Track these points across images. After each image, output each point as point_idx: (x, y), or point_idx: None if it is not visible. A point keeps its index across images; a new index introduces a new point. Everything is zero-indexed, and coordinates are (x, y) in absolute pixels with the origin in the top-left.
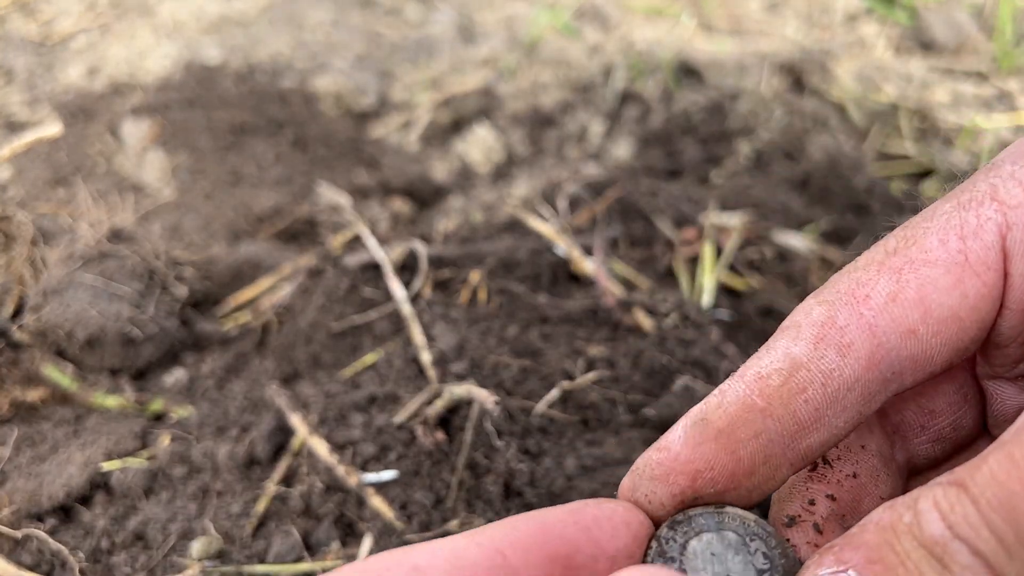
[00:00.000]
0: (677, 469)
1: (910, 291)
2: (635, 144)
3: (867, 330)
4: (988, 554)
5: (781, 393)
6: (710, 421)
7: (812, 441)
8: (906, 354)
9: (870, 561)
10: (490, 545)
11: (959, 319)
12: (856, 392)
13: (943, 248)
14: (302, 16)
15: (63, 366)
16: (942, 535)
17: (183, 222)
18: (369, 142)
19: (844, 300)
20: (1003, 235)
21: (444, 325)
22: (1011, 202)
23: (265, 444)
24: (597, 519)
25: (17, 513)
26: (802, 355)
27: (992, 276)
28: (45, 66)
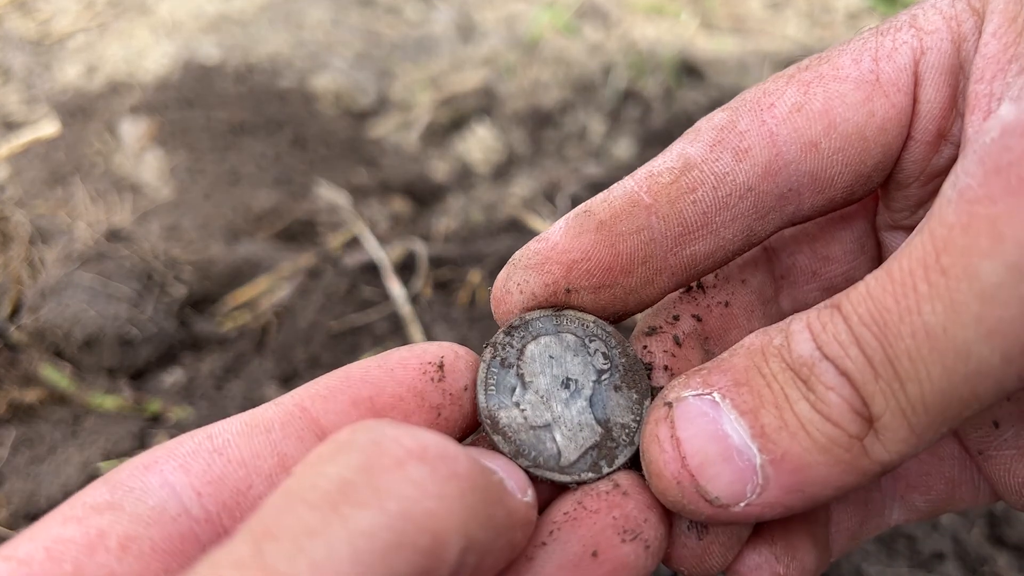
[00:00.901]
0: (553, 258)
1: (816, 103)
2: (636, 143)
3: (767, 137)
4: (854, 372)
5: (669, 191)
6: (593, 212)
7: (696, 249)
8: (805, 168)
9: (736, 384)
10: (290, 402)
11: (864, 138)
12: (748, 201)
13: (855, 66)
14: (301, 15)
15: (61, 366)
16: (810, 355)
17: (181, 222)
18: (368, 141)
19: (748, 107)
20: (916, 59)
21: (444, 325)
22: (928, 27)
23: None
24: (403, 359)
25: (15, 514)
26: (696, 155)
27: (902, 98)
28: (43, 65)
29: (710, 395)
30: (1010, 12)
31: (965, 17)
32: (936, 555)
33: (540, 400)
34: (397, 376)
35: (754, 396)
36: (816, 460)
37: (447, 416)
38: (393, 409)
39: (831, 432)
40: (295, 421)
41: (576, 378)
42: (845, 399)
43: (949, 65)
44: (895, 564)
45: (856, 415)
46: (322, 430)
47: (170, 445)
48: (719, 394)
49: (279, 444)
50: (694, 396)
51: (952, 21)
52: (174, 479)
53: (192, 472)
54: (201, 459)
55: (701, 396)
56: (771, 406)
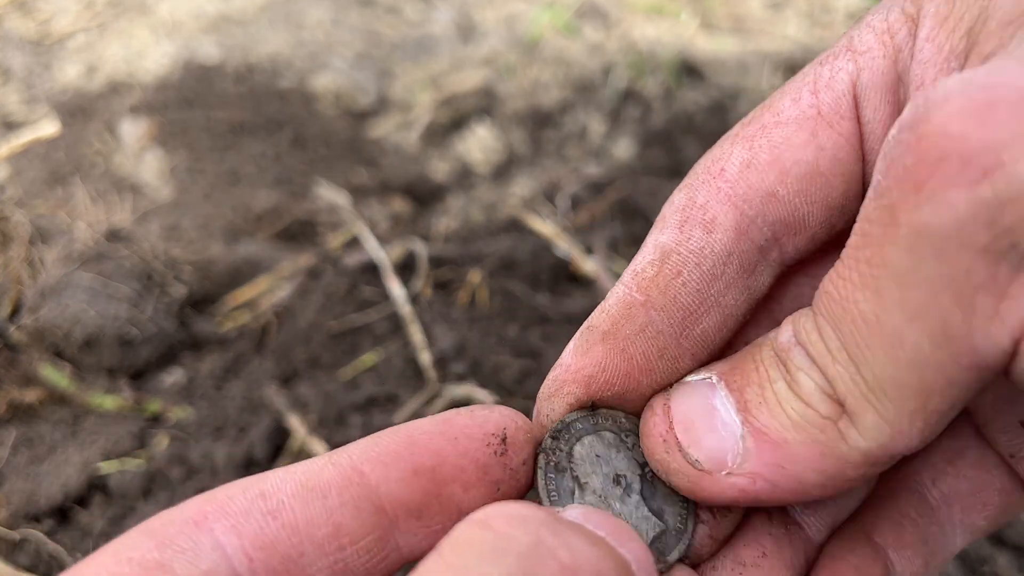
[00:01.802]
0: (569, 379)
1: (763, 154)
2: (636, 143)
3: (727, 202)
4: (817, 356)
5: (657, 282)
6: (594, 326)
7: (706, 325)
8: (773, 218)
9: (732, 368)
10: (347, 464)
11: (820, 173)
12: (733, 265)
13: (795, 106)
14: (301, 15)
15: (61, 367)
16: (788, 341)
17: (181, 222)
18: (368, 141)
19: (701, 179)
20: (854, 82)
21: (444, 325)
22: (861, 48)
23: (263, 445)
24: (467, 428)
25: (15, 514)
26: (670, 241)
27: (847, 125)
28: (43, 65)
29: (710, 378)
30: (941, 13)
31: (898, 27)
32: None
33: (599, 500)
34: (461, 447)
35: (744, 376)
36: (793, 437)
37: (505, 492)
38: (455, 481)
39: (804, 411)
40: (352, 487)
41: (624, 473)
42: (814, 381)
43: (885, 81)
44: None
45: (826, 397)
46: (379, 499)
47: (220, 498)
48: (716, 376)
49: (335, 512)
50: (697, 380)
51: (884, 36)
52: (225, 540)
53: (244, 534)
54: (254, 520)
55: (703, 380)
56: (755, 385)
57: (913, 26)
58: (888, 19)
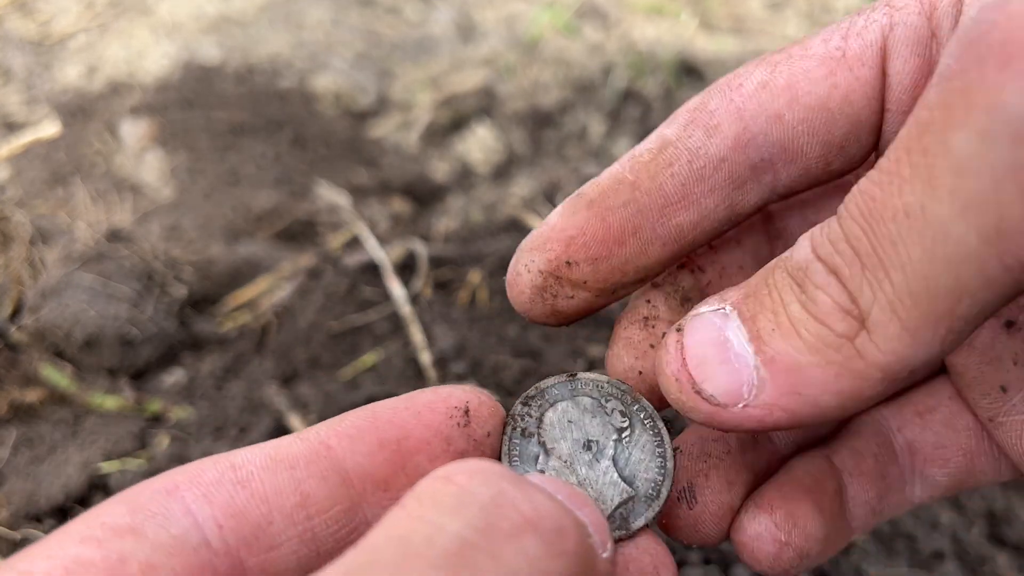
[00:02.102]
0: (553, 237)
1: (780, 79)
2: (636, 143)
3: (735, 113)
4: (842, 268)
5: (649, 167)
6: (584, 194)
7: (682, 219)
8: (773, 139)
9: (746, 296)
10: (315, 439)
11: (827, 109)
12: (723, 172)
13: (823, 45)
14: (301, 15)
15: (61, 367)
16: (805, 258)
17: (182, 222)
18: (368, 142)
19: (719, 88)
20: (885, 35)
21: (444, 325)
22: (899, 3)
23: None
24: (431, 403)
25: (15, 514)
26: (671, 135)
27: (867, 72)
28: (43, 66)
29: (723, 309)
30: None
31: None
32: (936, 554)
33: (564, 465)
34: (424, 419)
35: (757, 303)
36: (808, 360)
37: None
38: (420, 453)
39: (820, 331)
40: (319, 459)
41: (597, 439)
42: (833, 297)
43: (918, 36)
44: (895, 563)
45: (845, 313)
46: (345, 471)
47: (191, 470)
48: (730, 306)
49: (302, 482)
50: (710, 311)
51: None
52: (196, 508)
53: (215, 503)
54: (224, 490)
55: (716, 311)
56: (768, 311)
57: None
58: None
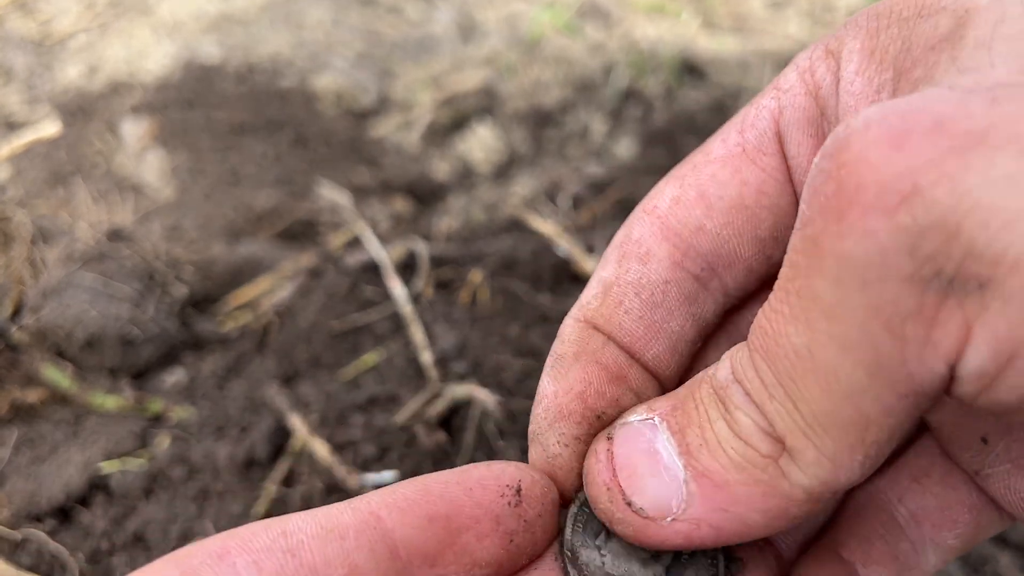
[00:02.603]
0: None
1: (691, 191)
2: (637, 143)
3: (659, 235)
4: (753, 393)
5: (601, 312)
6: (562, 355)
7: (656, 351)
8: (704, 249)
9: (674, 408)
10: (366, 509)
11: (745, 207)
12: (672, 293)
13: (723, 146)
14: (302, 15)
15: (62, 367)
16: (726, 378)
17: (183, 222)
18: (369, 141)
19: (637, 216)
20: (776, 120)
21: (445, 325)
22: (784, 86)
23: (265, 445)
24: (483, 479)
25: (16, 514)
26: (609, 275)
27: (770, 160)
28: (44, 65)
29: (652, 419)
30: (867, 48)
31: (818, 64)
32: None
33: (622, 552)
34: (476, 497)
35: (684, 416)
36: (735, 478)
37: (519, 543)
38: (469, 530)
39: (744, 451)
40: (369, 531)
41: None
42: (753, 419)
43: (807, 116)
44: None
45: (766, 435)
46: (394, 543)
47: (243, 534)
48: (659, 417)
49: (352, 553)
50: (638, 420)
51: (806, 73)
52: (246, 574)
53: (265, 570)
54: (275, 558)
55: (644, 420)
56: (695, 425)
57: (834, 62)
58: (811, 56)
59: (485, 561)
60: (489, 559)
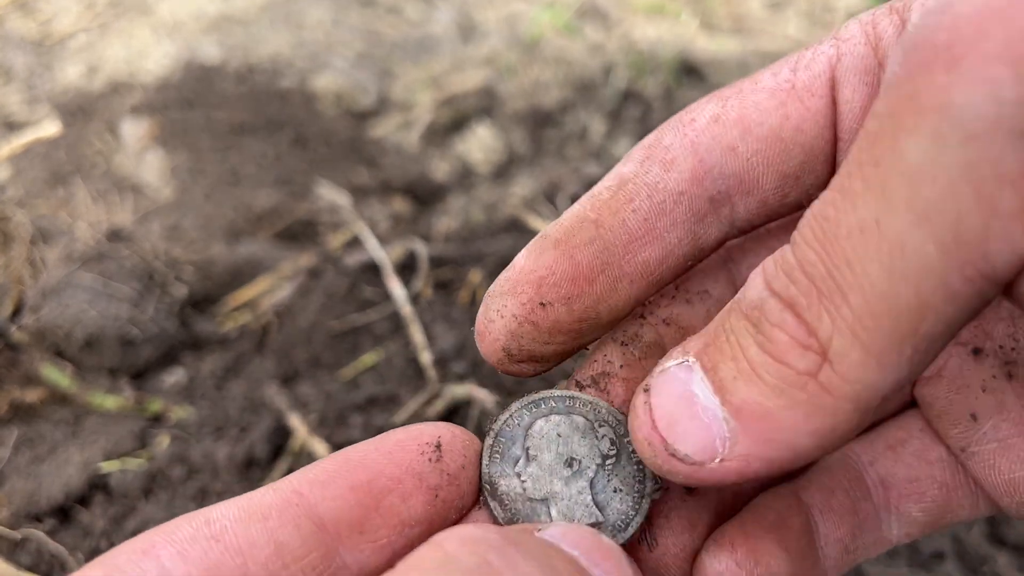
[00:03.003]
0: (523, 279)
1: (732, 112)
2: (636, 143)
3: (689, 147)
4: (798, 298)
5: (610, 205)
6: (548, 235)
7: (648, 255)
8: (729, 171)
9: (706, 345)
10: (287, 488)
11: (780, 139)
12: (683, 206)
13: (773, 78)
14: (302, 15)
15: (62, 366)
16: (759, 296)
17: (182, 222)
18: (369, 141)
19: (672, 124)
20: (833, 65)
21: (444, 325)
22: (844, 35)
23: (264, 445)
24: (400, 441)
25: (16, 514)
26: (629, 172)
27: (817, 102)
28: (44, 65)
29: (687, 361)
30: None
31: (882, 19)
32: (936, 555)
33: (542, 474)
34: (395, 458)
35: (716, 351)
36: (774, 404)
37: (444, 497)
38: (391, 492)
39: (780, 371)
40: (292, 508)
41: (580, 459)
42: (790, 333)
43: (865, 65)
44: (895, 564)
45: (804, 349)
46: (319, 516)
47: (168, 528)
48: (693, 357)
49: (275, 532)
50: (674, 365)
51: (867, 25)
52: (171, 566)
53: (189, 559)
54: (199, 545)
55: (680, 364)
56: (728, 358)
57: (898, 18)
58: (875, 12)
59: (414, 520)
60: (417, 517)
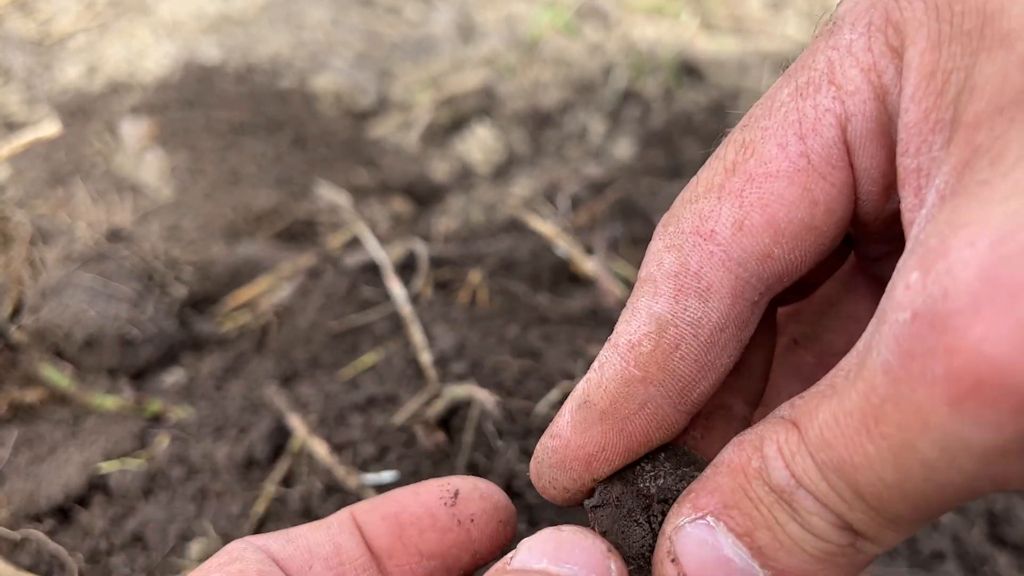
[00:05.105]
0: (570, 455)
1: (755, 215)
2: (636, 144)
3: (722, 268)
4: (829, 503)
5: (656, 357)
6: (593, 403)
7: (703, 388)
8: (768, 275)
9: (726, 507)
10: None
11: (814, 228)
12: (729, 331)
13: (783, 154)
14: (301, 15)
15: (61, 367)
16: (788, 483)
17: (182, 222)
18: (368, 142)
19: (692, 242)
20: (843, 127)
21: (444, 325)
22: (848, 87)
23: (264, 445)
24: (431, 484)
25: (15, 514)
26: (665, 312)
27: (839, 175)
28: (43, 66)
29: (704, 519)
30: (927, 66)
31: (884, 64)
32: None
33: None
34: (420, 498)
35: (746, 518)
36: (816, 568)
37: (452, 539)
38: (412, 525)
39: (824, 547)
40: (347, 522)
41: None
42: (828, 522)
43: (878, 126)
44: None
45: (844, 530)
46: (367, 536)
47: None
48: (712, 518)
49: (335, 537)
50: (689, 524)
51: (872, 73)
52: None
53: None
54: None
55: (695, 522)
56: (763, 528)
57: (899, 62)
58: (872, 50)
59: (429, 553)
60: (432, 551)
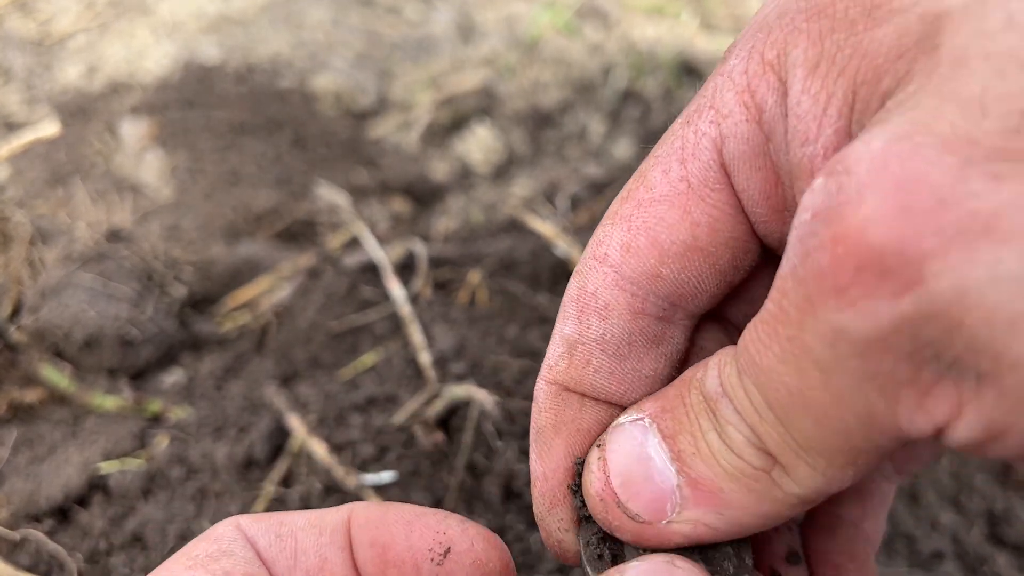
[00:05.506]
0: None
1: (640, 237)
2: (636, 143)
3: (615, 287)
4: (744, 412)
5: (571, 373)
6: (542, 427)
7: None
8: (663, 293)
9: (664, 410)
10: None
11: (700, 248)
12: (639, 342)
13: (665, 179)
14: (301, 15)
15: (61, 367)
16: (715, 390)
17: (182, 222)
18: (368, 142)
19: (589, 266)
20: (719, 149)
21: (443, 325)
22: (724, 110)
23: (264, 445)
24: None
25: (15, 514)
26: (572, 332)
27: (719, 196)
28: (43, 66)
29: (641, 420)
30: (810, 59)
31: (758, 83)
32: (936, 555)
33: None
34: (411, 540)
35: (675, 422)
36: (729, 487)
37: None
38: (395, 566)
39: (737, 463)
40: (339, 533)
41: None
42: (744, 436)
43: (752, 147)
44: (895, 563)
45: (757, 450)
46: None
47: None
48: (649, 419)
49: (324, 548)
50: (629, 422)
51: (744, 94)
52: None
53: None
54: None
55: (635, 422)
56: (687, 433)
57: (775, 78)
58: (748, 71)
59: None
60: None
